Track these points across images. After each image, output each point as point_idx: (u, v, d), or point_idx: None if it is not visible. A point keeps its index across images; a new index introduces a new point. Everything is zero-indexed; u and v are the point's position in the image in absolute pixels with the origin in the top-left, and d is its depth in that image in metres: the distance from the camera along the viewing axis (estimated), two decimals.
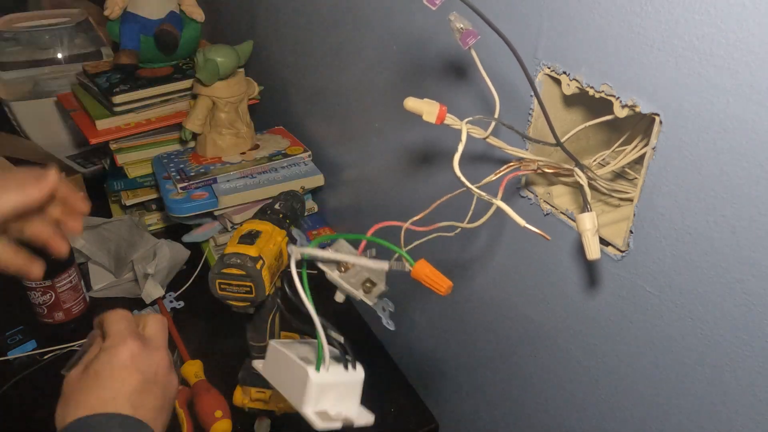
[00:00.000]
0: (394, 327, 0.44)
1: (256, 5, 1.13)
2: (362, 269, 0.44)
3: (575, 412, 0.61)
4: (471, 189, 0.42)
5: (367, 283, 0.44)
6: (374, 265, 0.43)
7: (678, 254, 0.45)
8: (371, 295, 0.44)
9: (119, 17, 1.11)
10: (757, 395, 0.43)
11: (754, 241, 0.39)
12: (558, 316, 0.59)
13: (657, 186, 0.45)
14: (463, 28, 0.44)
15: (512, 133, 0.49)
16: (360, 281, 0.44)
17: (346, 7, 0.82)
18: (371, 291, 0.44)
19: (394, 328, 0.44)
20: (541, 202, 0.56)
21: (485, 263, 0.68)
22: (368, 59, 0.80)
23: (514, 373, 0.69)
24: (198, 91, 1.00)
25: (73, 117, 1.09)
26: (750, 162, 0.38)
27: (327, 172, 1.02)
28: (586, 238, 0.44)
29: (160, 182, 1.00)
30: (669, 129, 0.43)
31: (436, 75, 0.67)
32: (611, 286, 0.52)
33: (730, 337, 0.43)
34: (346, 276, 0.44)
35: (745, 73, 0.37)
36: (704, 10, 0.38)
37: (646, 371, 0.51)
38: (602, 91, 0.47)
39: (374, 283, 0.44)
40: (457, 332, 0.77)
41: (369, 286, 0.44)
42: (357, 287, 0.44)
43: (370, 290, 0.44)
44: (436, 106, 0.43)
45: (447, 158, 0.71)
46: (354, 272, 0.44)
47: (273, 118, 1.18)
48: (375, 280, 0.44)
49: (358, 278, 0.44)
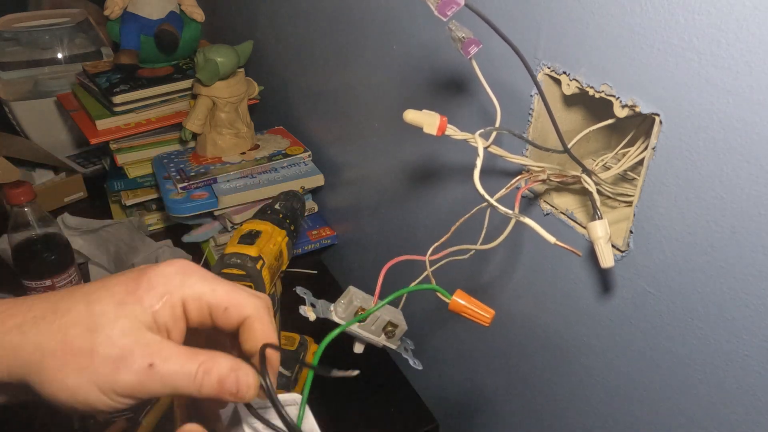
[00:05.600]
0: (421, 366, 0.43)
1: (256, 5, 1.13)
2: (381, 313, 0.42)
3: (575, 411, 0.61)
4: (494, 205, 0.40)
5: (388, 327, 0.42)
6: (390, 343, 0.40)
7: (678, 254, 0.45)
8: (395, 338, 0.42)
9: (119, 17, 1.11)
10: (757, 395, 0.43)
11: (754, 241, 0.39)
12: (559, 316, 0.59)
13: (657, 186, 0.45)
14: (464, 37, 0.43)
15: (511, 141, 0.49)
16: (381, 326, 0.42)
17: (347, 7, 0.82)
18: (394, 334, 0.42)
19: (422, 367, 0.43)
20: (541, 202, 0.56)
21: (494, 274, 0.68)
22: (369, 59, 0.80)
23: (514, 373, 0.69)
24: (198, 91, 1.00)
25: (73, 117, 1.09)
26: (750, 162, 0.38)
27: (327, 172, 1.02)
28: (599, 246, 0.43)
29: (160, 182, 1.00)
30: (669, 129, 0.43)
31: (436, 76, 0.67)
32: (612, 287, 0.52)
33: (730, 337, 0.43)
34: (366, 325, 0.41)
35: (745, 73, 0.37)
36: (704, 10, 0.38)
37: (645, 371, 0.51)
38: (602, 91, 0.47)
39: (395, 324, 0.42)
40: (457, 332, 0.77)
41: (391, 329, 0.42)
42: (378, 334, 0.42)
43: (393, 333, 0.42)
44: (436, 118, 0.42)
45: (449, 159, 0.71)
46: (373, 319, 0.42)
47: (273, 118, 1.18)
48: (396, 322, 0.43)
49: (378, 324, 0.42)
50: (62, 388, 0.31)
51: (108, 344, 0.31)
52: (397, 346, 0.43)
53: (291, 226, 0.70)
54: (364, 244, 0.99)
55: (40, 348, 0.31)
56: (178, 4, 1.14)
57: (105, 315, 0.32)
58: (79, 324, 0.31)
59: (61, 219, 1.07)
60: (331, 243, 1.07)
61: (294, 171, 1.02)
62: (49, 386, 0.31)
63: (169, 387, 0.31)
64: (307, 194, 1.05)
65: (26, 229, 0.85)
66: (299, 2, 0.96)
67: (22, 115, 1.23)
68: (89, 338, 0.31)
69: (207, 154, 1.03)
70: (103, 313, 0.32)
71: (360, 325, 0.41)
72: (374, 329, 0.42)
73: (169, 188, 0.97)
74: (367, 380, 0.44)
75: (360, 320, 0.38)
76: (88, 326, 0.31)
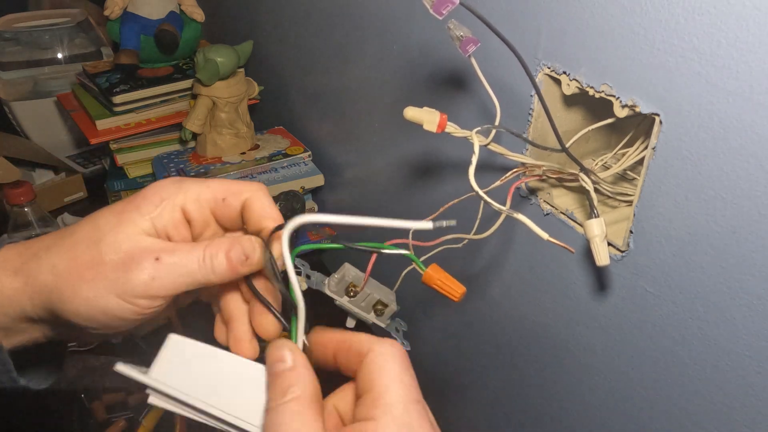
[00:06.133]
0: (410, 347, 0.43)
1: (256, 5, 1.13)
2: (372, 291, 0.43)
3: (574, 410, 0.61)
4: (487, 200, 0.41)
5: (378, 305, 0.43)
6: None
7: (678, 254, 0.45)
8: (383, 317, 0.43)
9: (119, 17, 1.11)
10: (758, 395, 0.43)
11: (754, 241, 0.39)
12: (560, 316, 0.59)
13: (657, 186, 0.45)
14: (463, 36, 0.43)
15: (511, 139, 0.49)
16: (371, 304, 0.43)
17: (347, 7, 0.82)
18: (383, 313, 0.43)
19: (410, 348, 0.43)
20: (541, 202, 0.56)
21: (490, 267, 0.68)
22: (369, 59, 0.80)
23: (514, 373, 0.69)
24: (198, 91, 1.00)
25: (73, 117, 1.09)
26: (750, 162, 0.38)
27: (327, 172, 1.02)
28: (595, 244, 0.44)
29: None
30: (669, 129, 0.43)
31: (436, 76, 0.67)
32: (611, 287, 0.52)
33: (730, 337, 0.43)
34: (356, 300, 0.42)
35: (745, 73, 0.37)
36: (704, 10, 0.38)
37: (645, 371, 0.51)
38: (602, 91, 0.47)
39: (385, 304, 0.43)
40: (457, 332, 0.77)
41: (380, 308, 0.43)
42: (368, 311, 0.43)
43: (383, 312, 0.43)
44: (436, 115, 0.42)
45: (448, 157, 0.71)
46: (363, 296, 0.43)
47: (273, 118, 1.18)
48: (386, 302, 0.43)
49: (368, 301, 0.43)
50: (80, 303, 0.32)
51: (112, 250, 0.32)
52: (386, 324, 0.43)
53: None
54: None
55: (55, 269, 0.32)
56: (178, 4, 1.14)
57: (107, 225, 0.33)
58: (85, 239, 0.33)
59: (61, 219, 1.07)
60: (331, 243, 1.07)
61: (294, 171, 1.02)
62: (69, 303, 0.32)
63: (183, 276, 0.32)
64: (307, 194, 1.05)
65: (26, 229, 0.85)
66: (299, 2, 0.96)
67: (22, 115, 1.23)
68: (95, 249, 0.32)
69: (207, 154, 1.03)
70: (105, 223, 0.33)
71: (350, 300, 0.42)
72: (364, 306, 0.43)
73: None
74: None
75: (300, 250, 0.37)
76: (92, 239, 0.33)
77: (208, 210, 0.36)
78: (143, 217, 0.34)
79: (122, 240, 0.33)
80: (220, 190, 0.36)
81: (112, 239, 0.33)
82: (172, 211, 0.35)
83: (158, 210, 0.34)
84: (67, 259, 0.33)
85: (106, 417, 0.76)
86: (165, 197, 0.35)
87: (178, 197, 0.35)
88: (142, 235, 0.33)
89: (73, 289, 0.32)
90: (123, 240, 0.33)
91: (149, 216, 0.34)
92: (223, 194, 0.36)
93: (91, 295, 0.32)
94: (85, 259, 0.32)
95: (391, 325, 0.44)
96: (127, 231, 0.33)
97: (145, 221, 0.34)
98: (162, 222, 0.34)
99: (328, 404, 0.32)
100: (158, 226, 0.34)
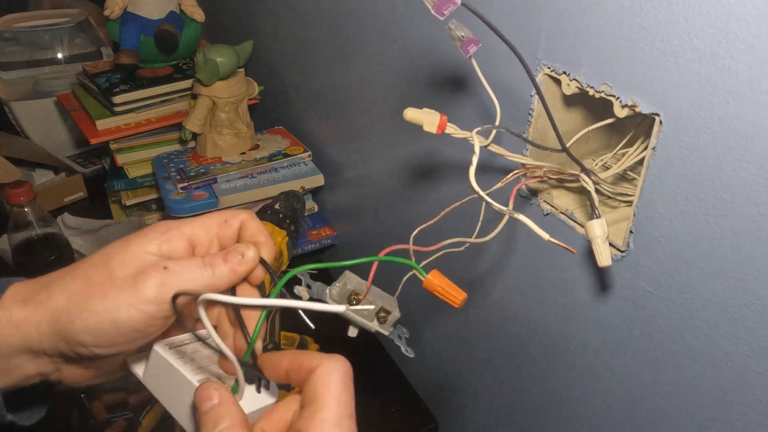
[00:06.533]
0: (413, 354, 0.43)
1: (256, 5, 1.13)
2: (375, 299, 0.43)
3: (574, 410, 0.61)
4: (489, 201, 0.41)
5: (380, 312, 0.43)
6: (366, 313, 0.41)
7: (678, 254, 0.45)
8: (387, 324, 0.43)
9: (119, 17, 1.11)
10: (757, 395, 0.43)
11: (754, 241, 0.39)
12: (560, 316, 0.59)
13: (657, 186, 0.45)
14: (463, 36, 0.43)
15: (511, 141, 0.49)
16: (373, 312, 0.43)
17: (347, 7, 0.82)
18: (386, 320, 0.43)
19: (414, 355, 0.43)
20: (542, 202, 0.56)
21: (491, 269, 0.68)
22: (369, 59, 0.80)
23: (515, 372, 0.69)
24: (198, 91, 1.00)
25: (73, 117, 1.09)
26: (750, 162, 0.38)
27: (327, 172, 1.02)
28: (597, 245, 0.44)
29: (160, 182, 1.00)
30: (669, 129, 0.43)
31: (437, 76, 0.67)
32: (612, 287, 0.52)
33: (730, 337, 0.43)
34: (358, 309, 0.43)
35: (745, 73, 0.37)
36: (704, 10, 0.38)
37: (645, 370, 0.51)
38: (602, 91, 0.47)
39: (388, 311, 0.43)
40: (458, 333, 0.77)
41: (383, 315, 0.43)
42: (371, 319, 0.43)
43: (385, 320, 0.43)
44: (436, 116, 0.42)
45: (448, 158, 0.71)
46: (366, 303, 0.43)
47: (273, 118, 1.18)
48: (388, 308, 0.43)
49: (371, 310, 0.43)
50: (91, 317, 0.34)
51: (122, 267, 0.35)
52: (389, 332, 0.43)
53: (291, 226, 0.70)
54: (364, 244, 0.99)
55: (68, 290, 0.35)
56: (178, 4, 1.14)
57: (115, 249, 0.36)
58: (97, 263, 0.36)
59: (61, 219, 1.07)
60: (331, 243, 1.07)
61: (294, 171, 1.02)
62: (79, 320, 0.34)
63: (188, 280, 0.35)
64: (307, 194, 1.05)
65: (26, 229, 0.85)
66: (299, 2, 0.96)
67: (22, 115, 1.23)
68: (105, 269, 0.35)
69: (207, 154, 1.03)
70: (114, 248, 0.36)
71: (352, 309, 0.42)
72: (366, 314, 0.43)
73: (169, 188, 0.97)
74: (367, 380, 0.44)
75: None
76: (103, 262, 0.36)
77: (214, 232, 0.39)
78: (150, 241, 0.37)
79: (130, 258, 0.36)
80: (222, 215, 0.40)
81: (121, 258, 0.36)
82: (179, 238, 0.38)
83: (165, 236, 0.37)
84: (80, 280, 0.35)
85: (106, 417, 0.76)
86: (172, 227, 0.38)
87: (185, 227, 0.38)
88: (149, 254, 0.36)
89: (84, 306, 0.34)
90: (131, 258, 0.36)
91: (156, 241, 0.37)
92: (225, 217, 0.40)
93: (101, 308, 0.34)
94: (97, 279, 0.35)
95: (394, 332, 0.44)
96: (135, 251, 0.36)
97: (152, 245, 0.36)
98: (168, 247, 0.37)
99: (256, 428, 0.35)
100: (164, 249, 0.37)
